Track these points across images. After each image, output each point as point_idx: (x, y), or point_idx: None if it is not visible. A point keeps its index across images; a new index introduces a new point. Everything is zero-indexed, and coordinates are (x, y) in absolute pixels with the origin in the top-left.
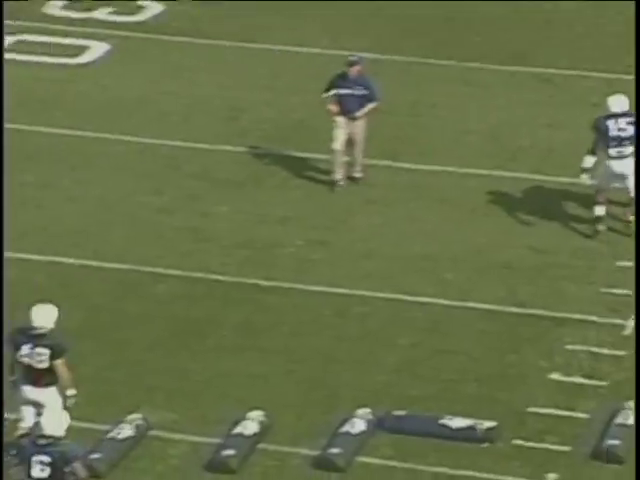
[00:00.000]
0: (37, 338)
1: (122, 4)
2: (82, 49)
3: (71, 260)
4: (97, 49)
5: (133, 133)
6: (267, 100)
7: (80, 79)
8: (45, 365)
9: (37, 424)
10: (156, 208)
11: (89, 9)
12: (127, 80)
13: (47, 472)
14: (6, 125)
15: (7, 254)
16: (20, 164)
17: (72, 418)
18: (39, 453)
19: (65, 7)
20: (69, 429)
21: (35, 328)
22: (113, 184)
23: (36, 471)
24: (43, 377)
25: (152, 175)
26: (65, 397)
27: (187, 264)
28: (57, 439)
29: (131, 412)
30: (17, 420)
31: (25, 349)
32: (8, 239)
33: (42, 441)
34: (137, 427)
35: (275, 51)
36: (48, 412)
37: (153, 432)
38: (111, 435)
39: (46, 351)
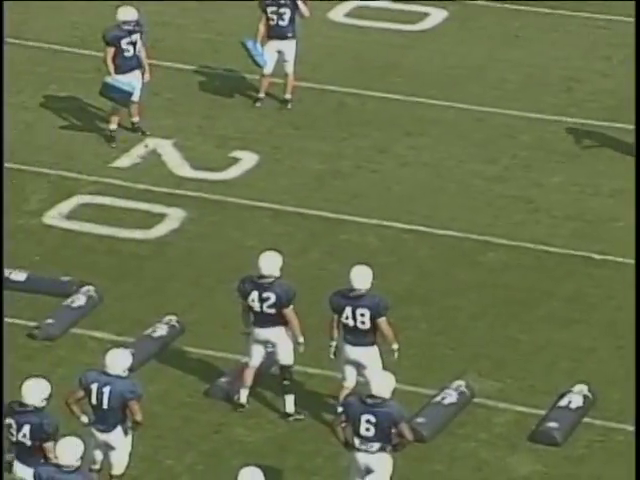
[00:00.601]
0: (357, 299)
1: None
2: (422, 16)
3: (402, 225)
4: (436, 16)
5: (470, 101)
6: (603, 71)
7: (419, 45)
8: (367, 326)
9: (360, 384)
10: (489, 176)
11: None
12: (465, 48)
13: (372, 432)
14: (339, 89)
15: (341, 216)
16: (357, 128)
17: (398, 381)
18: (367, 412)
19: None
20: (394, 392)
21: (354, 289)
22: (447, 151)
23: (363, 430)
24: (365, 336)
25: (486, 143)
26: (392, 351)
27: (517, 234)
28: (384, 400)
29: (457, 378)
30: (342, 379)
31: (347, 311)
32: (342, 204)
33: (370, 400)
34: (462, 393)
35: (613, 21)
36: (376, 373)
37: (478, 399)
38: (436, 400)
39: (367, 311)
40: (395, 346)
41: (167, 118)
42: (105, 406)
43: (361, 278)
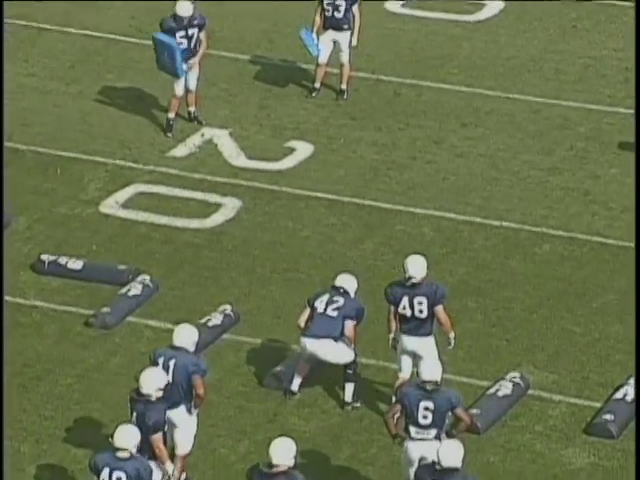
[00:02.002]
0: (413, 288)
1: None
2: (479, 6)
3: (457, 216)
4: (493, 7)
5: (526, 92)
6: None
7: (476, 36)
8: (424, 315)
9: (415, 373)
10: (545, 168)
11: None
12: (521, 39)
13: (430, 419)
14: (394, 79)
15: (396, 207)
16: (413, 119)
17: (452, 373)
18: (426, 399)
19: None
20: (450, 384)
21: (410, 278)
22: (502, 142)
23: (420, 417)
24: (422, 326)
25: (542, 134)
26: (448, 339)
27: (573, 225)
28: (439, 385)
29: (511, 370)
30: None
31: (405, 300)
32: (397, 194)
33: (429, 387)
34: (517, 385)
35: None
36: (427, 359)
37: (532, 391)
38: (491, 392)
39: (424, 300)
40: (452, 335)
41: (223, 108)
42: (169, 379)
43: (417, 266)
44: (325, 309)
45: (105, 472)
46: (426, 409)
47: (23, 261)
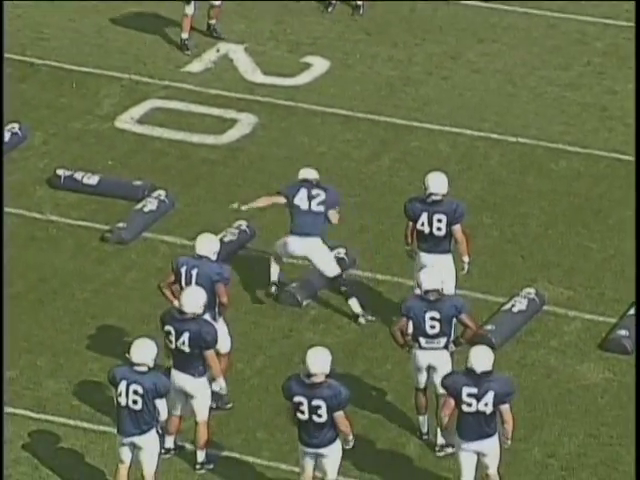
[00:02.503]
0: (433, 205)
1: None
2: None
3: (473, 132)
4: None
5: (543, 7)
6: None
7: None
8: (443, 232)
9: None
10: (562, 84)
11: None
12: None
13: (437, 328)
14: None
15: (412, 123)
16: (429, 35)
17: (467, 289)
18: (431, 309)
19: None
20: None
21: (431, 195)
22: (519, 58)
23: (428, 328)
24: (440, 244)
25: (559, 50)
26: (462, 262)
27: (590, 141)
28: (443, 294)
29: (527, 286)
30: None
31: (424, 217)
32: (413, 110)
33: (432, 297)
34: (532, 301)
35: None
36: (430, 269)
37: (547, 307)
38: (506, 307)
39: (443, 217)
40: (466, 259)
41: (239, 23)
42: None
43: (438, 183)
44: (309, 205)
45: (122, 385)
46: (432, 319)
47: (39, 176)
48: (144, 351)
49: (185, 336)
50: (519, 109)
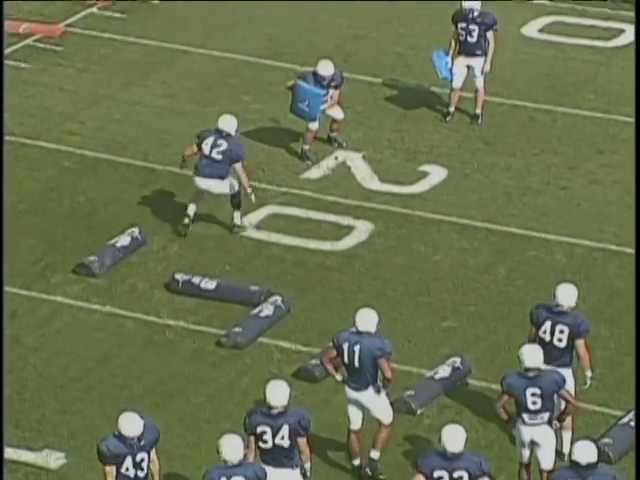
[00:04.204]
0: (559, 315)
1: None
2: (617, 32)
3: (591, 243)
4: (631, 33)
5: None
6: None
7: (613, 62)
8: (563, 344)
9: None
10: None
11: None
12: None
13: (539, 404)
14: (530, 104)
15: (529, 233)
16: (547, 145)
17: (585, 401)
18: (531, 385)
19: None
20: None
21: (558, 305)
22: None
23: (530, 404)
24: (560, 357)
25: None
26: (585, 377)
27: None
28: (542, 370)
29: None
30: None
31: (547, 325)
32: (530, 220)
33: (531, 374)
34: None
35: None
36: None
37: None
38: (623, 421)
39: (566, 329)
40: (589, 373)
41: (357, 131)
42: (356, 364)
43: (567, 294)
44: (210, 152)
45: None
46: (534, 395)
47: (157, 280)
48: (235, 448)
49: (284, 430)
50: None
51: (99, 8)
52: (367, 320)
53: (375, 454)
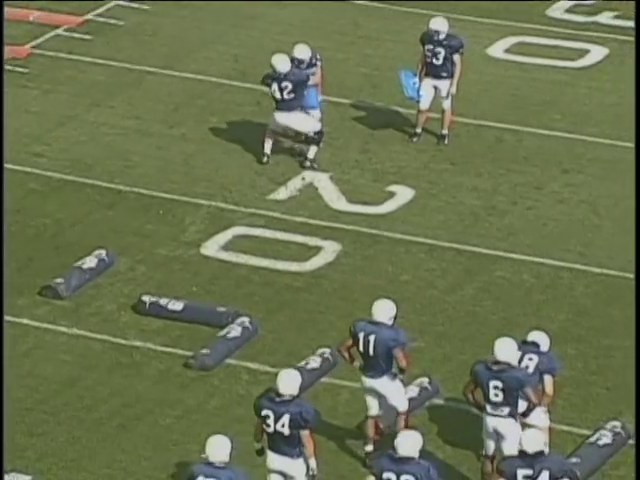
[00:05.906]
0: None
1: (627, 6)
2: (582, 52)
3: (557, 262)
4: (597, 53)
5: (629, 139)
6: None
7: (578, 82)
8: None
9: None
10: None
11: (593, 13)
12: (625, 85)
13: (500, 397)
14: (496, 124)
15: (496, 252)
16: (514, 165)
17: (552, 421)
18: (494, 378)
19: (568, 10)
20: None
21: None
22: (604, 189)
23: (492, 395)
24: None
25: None
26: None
27: None
28: (510, 365)
29: (612, 419)
30: None
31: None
32: (497, 240)
33: (496, 367)
34: (617, 435)
35: None
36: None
37: (633, 441)
38: (591, 440)
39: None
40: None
41: (324, 152)
42: (371, 353)
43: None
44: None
45: None
46: (496, 388)
47: (125, 302)
48: (220, 448)
49: (285, 418)
50: (604, 240)
51: (65, 30)
52: (383, 311)
53: None
